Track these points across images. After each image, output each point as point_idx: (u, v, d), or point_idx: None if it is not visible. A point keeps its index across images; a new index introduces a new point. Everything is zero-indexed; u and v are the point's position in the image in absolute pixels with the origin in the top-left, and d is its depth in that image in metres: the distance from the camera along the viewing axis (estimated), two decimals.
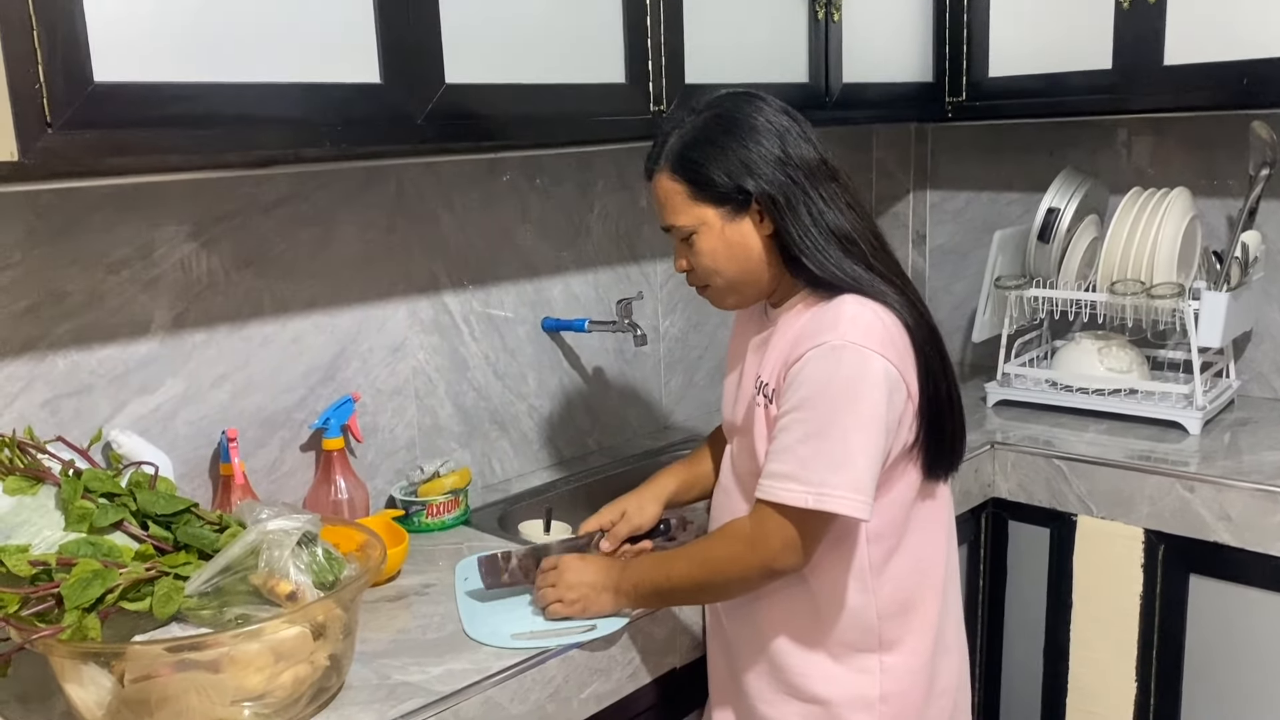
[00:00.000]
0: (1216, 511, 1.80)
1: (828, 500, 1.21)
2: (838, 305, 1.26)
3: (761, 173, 1.27)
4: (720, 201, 1.29)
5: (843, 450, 1.21)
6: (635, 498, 1.55)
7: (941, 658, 1.38)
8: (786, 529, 1.24)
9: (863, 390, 1.21)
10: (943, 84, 2.26)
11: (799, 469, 1.22)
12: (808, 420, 1.22)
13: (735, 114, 1.29)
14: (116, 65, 1.13)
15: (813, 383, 1.22)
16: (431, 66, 1.38)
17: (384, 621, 1.41)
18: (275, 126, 1.28)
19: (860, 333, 1.23)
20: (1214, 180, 2.26)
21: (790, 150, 1.28)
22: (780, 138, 1.28)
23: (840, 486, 1.20)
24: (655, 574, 1.34)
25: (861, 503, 1.21)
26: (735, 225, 1.29)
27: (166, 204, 1.50)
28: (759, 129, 1.28)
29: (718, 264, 1.32)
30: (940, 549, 1.38)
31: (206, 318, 1.56)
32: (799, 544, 1.24)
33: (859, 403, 1.21)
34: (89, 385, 1.46)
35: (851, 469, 1.21)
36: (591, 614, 1.36)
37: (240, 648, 1.08)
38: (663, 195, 1.33)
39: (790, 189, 1.27)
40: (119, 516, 1.16)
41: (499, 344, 1.93)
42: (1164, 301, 2.06)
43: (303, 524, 1.17)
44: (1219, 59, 1.91)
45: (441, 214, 1.82)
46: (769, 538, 1.24)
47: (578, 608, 1.36)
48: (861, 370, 1.21)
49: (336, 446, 1.65)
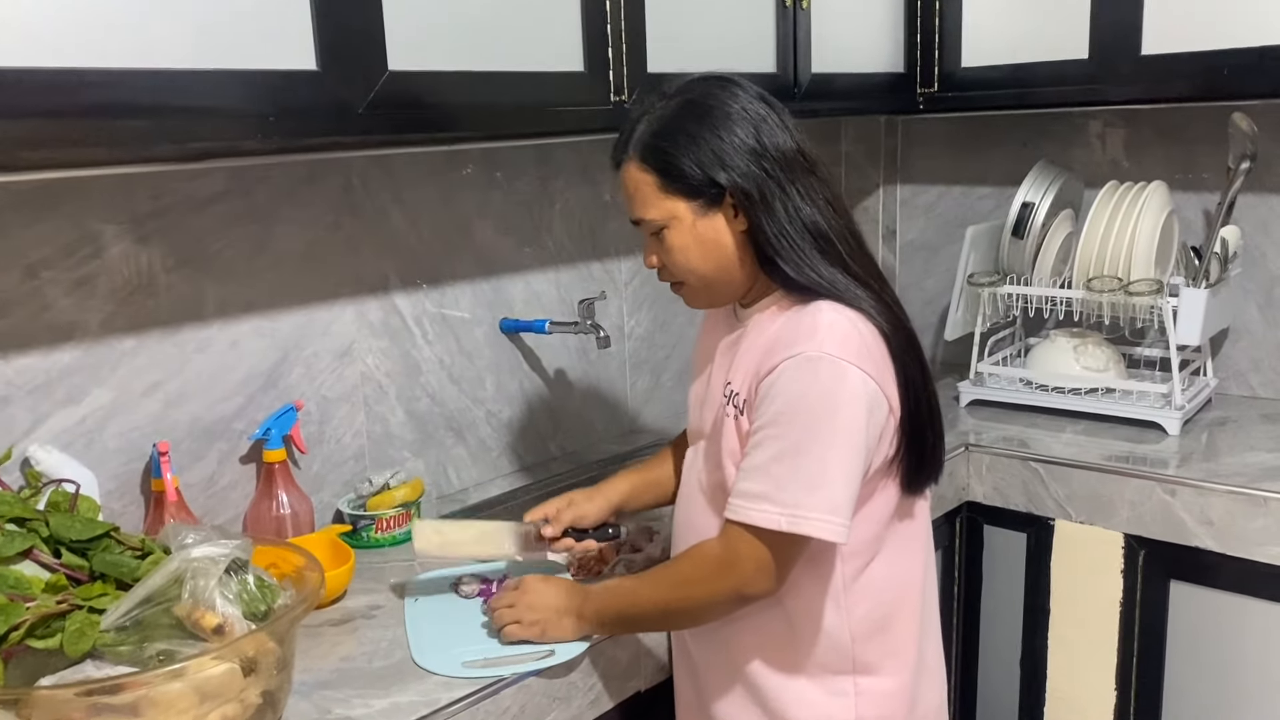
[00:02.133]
0: (1198, 516, 1.75)
1: (802, 523, 1.13)
2: (813, 313, 1.18)
3: (735, 164, 1.19)
4: (692, 194, 1.21)
5: (819, 469, 1.14)
6: (584, 491, 1.48)
7: (921, 680, 1.31)
8: (759, 552, 1.16)
9: (840, 405, 1.14)
10: (914, 75, 2.19)
11: (773, 489, 1.15)
12: (782, 437, 1.15)
13: (708, 100, 1.21)
14: (21, 49, 1.02)
15: (787, 397, 1.15)
16: (373, 52, 1.29)
17: (326, 649, 1.31)
18: (203, 117, 1.18)
19: (837, 344, 1.15)
20: (1190, 174, 2.21)
21: (766, 140, 1.20)
22: (755, 126, 1.20)
23: (816, 508, 1.13)
24: (620, 600, 1.27)
25: (838, 525, 1.14)
26: (708, 220, 1.22)
27: (92, 200, 1.40)
28: (733, 116, 1.20)
29: (690, 261, 1.24)
30: (917, 566, 1.31)
31: (137, 322, 1.46)
32: (772, 568, 1.17)
33: (836, 419, 1.14)
34: (5, 397, 1.35)
35: (828, 489, 1.14)
36: (550, 639, 1.28)
37: (162, 688, 0.98)
38: (631, 186, 1.25)
39: (765, 182, 1.19)
40: (27, 544, 1.06)
41: (454, 346, 1.84)
42: (1142, 299, 2.01)
43: (231, 549, 1.08)
44: (1199, 48, 1.85)
45: (392, 210, 1.72)
46: (740, 561, 1.17)
47: (535, 630, 1.28)
48: (839, 384, 1.14)
49: (278, 459, 1.56)
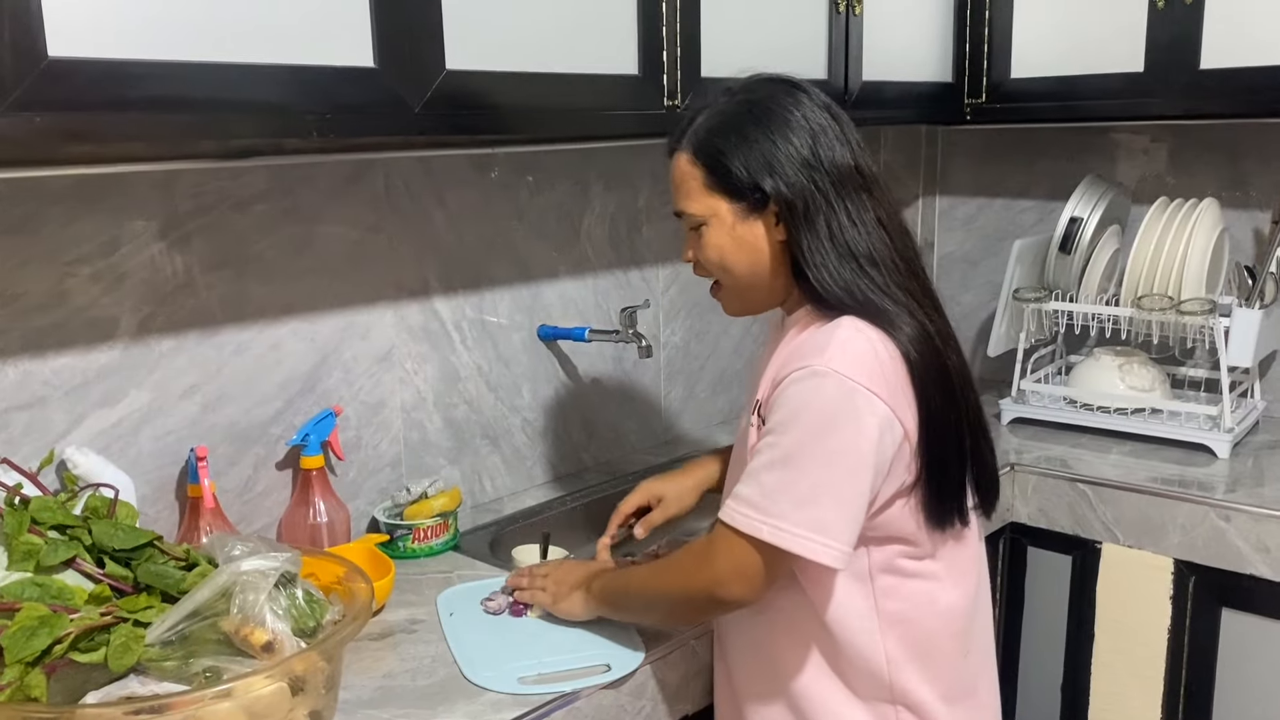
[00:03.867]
0: (1254, 542, 1.70)
1: (783, 536, 1.10)
2: (832, 329, 1.15)
3: (784, 173, 1.16)
4: (736, 196, 1.18)
5: (808, 486, 1.10)
6: (675, 484, 1.48)
7: (972, 715, 1.26)
8: (738, 555, 1.13)
9: (839, 425, 1.10)
10: (962, 84, 2.15)
11: (759, 496, 1.12)
12: (776, 446, 1.12)
13: (770, 103, 1.18)
14: (74, 39, 0.99)
15: (789, 408, 1.12)
16: (432, 50, 1.25)
17: (368, 664, 1.27)
18: (255, 113, 1.14)
19: (848, 361, 1.11)
20: (1238, 190, 2.16)
21: (822, 153, 1.17)
22: (814, 137, 1.17)
23: (801, 524, 1.09)
24: (617, 580, 1.29)
25: (823, 545, 1.09)
26: (747, 224, 1.19)
27: (133, 197, 1.36)
28: (792, 124, 1.17)
29: (724, 261, 1.22)
30: (963, 596, 1.24)
31: (175, 323, 1.42)
32: (749, 574, 1.13)
33: (832, 437, 1.10)
34: (42, 397, 1.31)
35: (815, 508, 1.09)
36: (559, 608, 1.33)
37: (209, 709, 0.94)
38: (679, 177, 1.23)
39: (812, 196, 1.16)
40: (71, 553, 1.02)
41: (492, 353, 1.80)
42: (1194, 318, 1.96)
43: (281, 563, 1.04)
44: (1259, 63, 1.81)
45: (434, 212, 1.68)
46: (717, 559, 1.15)
47: (547, 597, 1.34)
48: (841, 402, 1.10)
49: (316, 465, 1.52)
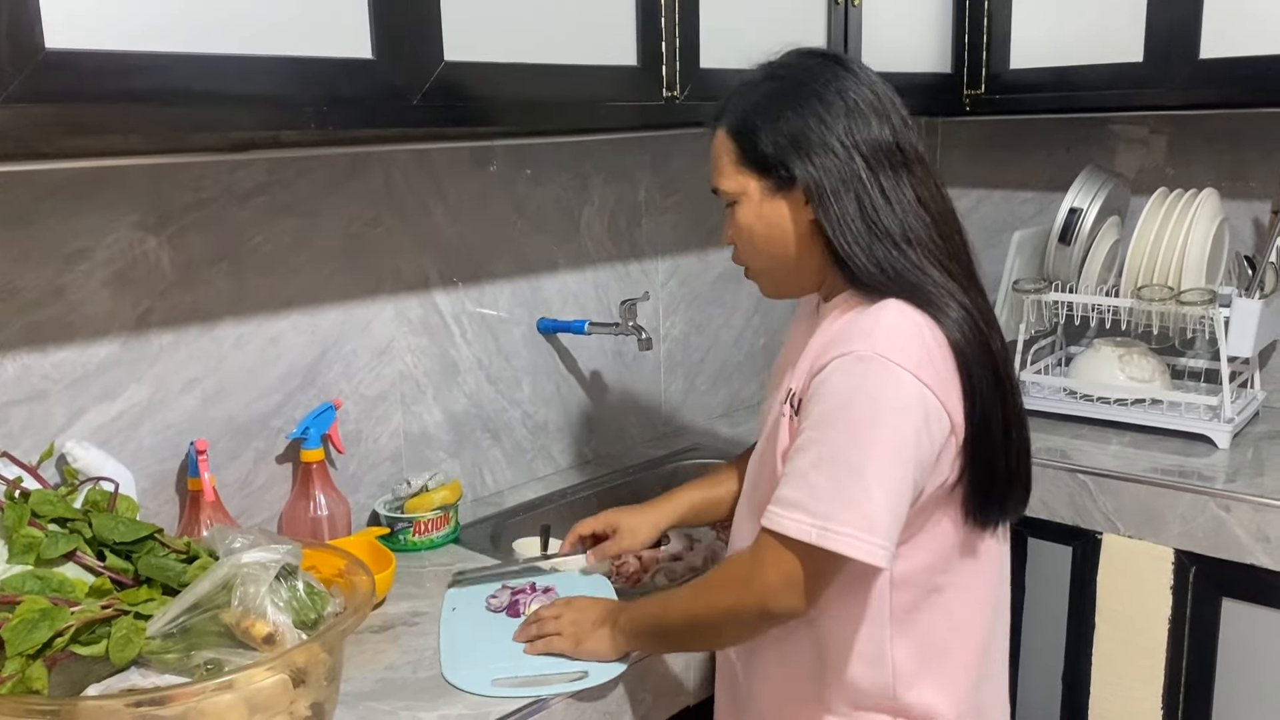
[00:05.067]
0: (1254, 532, 1.70)
1: (832, 538, 1.05)
2: (876, 311, 1.10)
3: (813, 152, 1.13)
4: (764, 173, 1.16)
5: (857, 481, 1.05)
6: (632, 516, 1.45)
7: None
8: (787, 564, 1.08)
9: (887, 412, 1.06)
10: (961, 75, 2.14)
11: (807, 497, 1.07)
12: (822, 441, 1.07)
13: (806, 79, 1.15)
14: (72, 31, 0.98)
15: (833, 398, 1.07)
16: (430, 42, 1.25)
17: (369, 657, 1.27)
18: (254, 105, 1.14)
19: (895, 346, 1.07)
20: (1237, 181, 2.16)
21: (857, 129, 1.13)
22: (849, 115, 1.13)
23: (850, 523, 1.05)
24: (651, 609, 1.22)
25: (873, 546, 1.05)
26: (774, 204, 1.17)
27: (131, 191, 1.35)
28: (828, 101, 1.14)
29: (752, 242, 1.20)
30: (983, 606, 1.20)
31: (174, 316, 1.41)
32: (800, 583, 1.08)
33: (881, 428, 1.06)
34: (42, 391, 1.31)
35: (866, 504, 1.05)
36: (584, 650, 1.23)
37: (211, 700, 0.94)
38: (715, 153, 1.21)
39: (844, 175, 1.12)
40: (71, 546, 1.02)
41: (492, 346, 1.80)
42: (1194, 309, 1.96)
43: (282, 555, 1.04)
44: (1260, 52, 1.80)
45: (433, 205, 1.68)
46: (766, 572, 1.09)
47: (569, 643, 1.24)
48: (889, 389, 1.06)
49: (316, 458, 1.52)
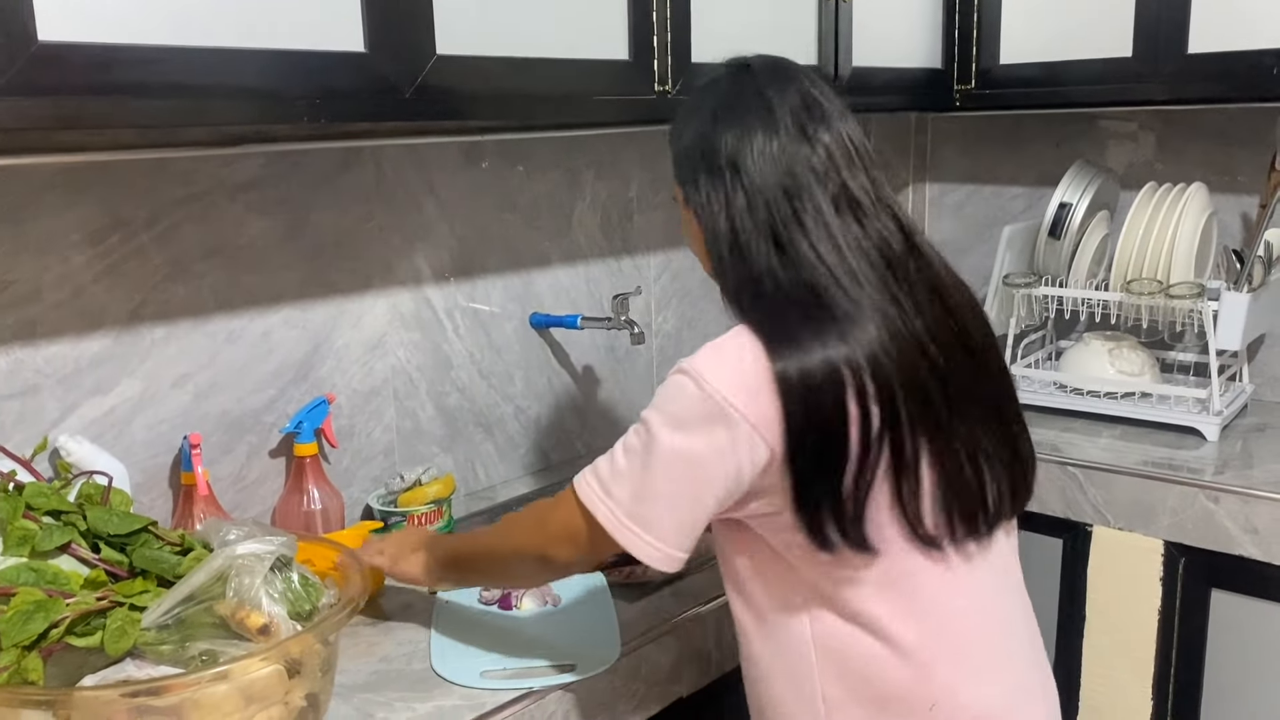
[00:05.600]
0: (1243, 524, 1.71)
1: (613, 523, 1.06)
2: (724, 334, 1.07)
3: (687, 161, 1.12)
4: (681, 184, 1.15)
5: (648, 483, 1.04)
6: None
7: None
8: (574, 520, 1.10)
9: (694, 430, 1.02)
10: (951, 71, 2.15)
11: (610, 474, 1.08)
12: (639, 433, 1.06)
13: (707, 93, 1.14)
14: (65, 24, 0.98)
15: (657, 400, 1.06)
16: (422, 35, 1.25)
17: (364, 649, 1.28)
18: (246, 98, 1.14)
19: (714, 368, 1.03)
20: (1227, 175, 2.17)
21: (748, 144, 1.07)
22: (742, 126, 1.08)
23: (633, 518, 1.05)
24: (460, 543, 1.28)
25: (650, 546, 1.05)
26: (686, 211, 1.15)
27: (123, 185, 1.35)
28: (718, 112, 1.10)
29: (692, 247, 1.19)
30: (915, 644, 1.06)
31: (167, 311, 1.42)
32: (579, 540, 1.11)
33: (683, 441, 1.02)
34: (34, 385, 1.31)
35: (651, 506, 1.05)
36: (398, 570, 1.29)
37: (206, 691, 0.95)
38: None
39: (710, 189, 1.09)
40: (66, 538, 1.02)
41: (484, 341, 1.80)
42: (1182, 302, 1.97)
43: (277, 547, 1.04)
44: (1248, 47, 1.81)
45: (425, 200, 1.68)
46: (553, 520, 1.14)
47: (383, 560, 1.30)
48: (699, 408, 1.02)
49: (309, 452, 1.52)
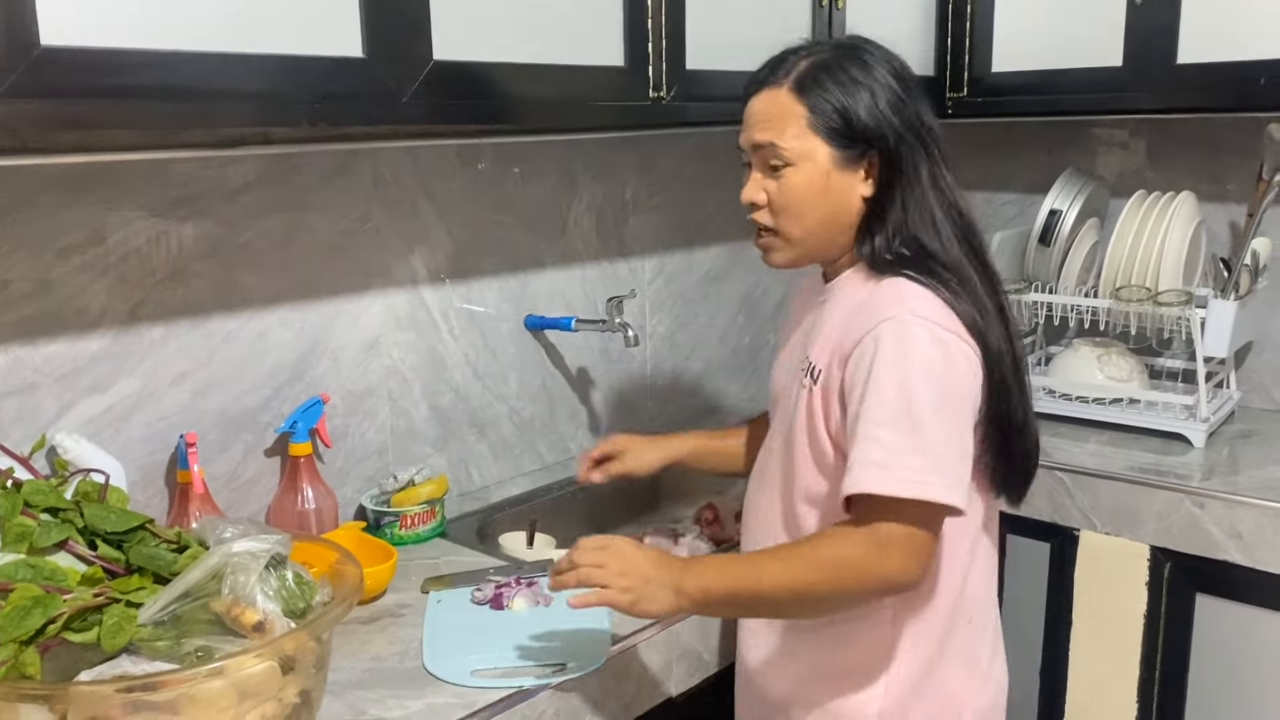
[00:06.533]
0: (1227, 529, 1.73)
1: (918, 487, 1.07)
2: (896, 284, 1.15)
3: (891, 126, 1.16)
4: (840, 143, 1.16)
5: (928, 434, 1.08)
6: (639, 442, 1.51)
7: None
8: (904, 532, 1.08)
9: (940, 368, 1.10)
10: (944, 78, 2.17)
11: (883, 455, 1.08)
12: (885, 403, 1.09)
13: (873, 60, 1.18)
14: (67, 27, 1.00)
15: (885, 362, 1.10)
16: (419, 40, 1.26)
17: (357, 647, 1.29)
18: (245, 101, 1.16)
19: (929, 310, 1.12)
20: (1216, 184, 2.19)
21: (922, 115, 1.18)
22: (914, 98, 1.18)
23: (928, 471, 1.08)
24: (735, 580, 1.13)
25: (950, 488, 1.09)
26: (843, 174, 1.17)
27: (123, 186, 1.37)
28: (895, 77, 1.17)
29: (805, 207, 1.19)
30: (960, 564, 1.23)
31: (165, 311, 1.43)
32: (918, 549, 1.10)
33: (935, 383, 1.10)
34: (33, 383, 1.32)
35: (939, 454, 1.09)
36: (641, 611, 1.12)
37: (202, 686, 0.96)
38: (774, 110, 1.18)
39: (914, 161, 1.17)
40: (63, 535, 1.03)
41: (479, 342, 1.82)
42: (1170, 309, 1.99)
43: (272, 545, 1.06)
44: (1236, 58, 1.84)
45: (422, 203, 1.69)
46: (888, 543, 1.08)
47: (627, 599, 1.11)
48: (936, 347, 1.11)
49: (304, 452, 1.53)
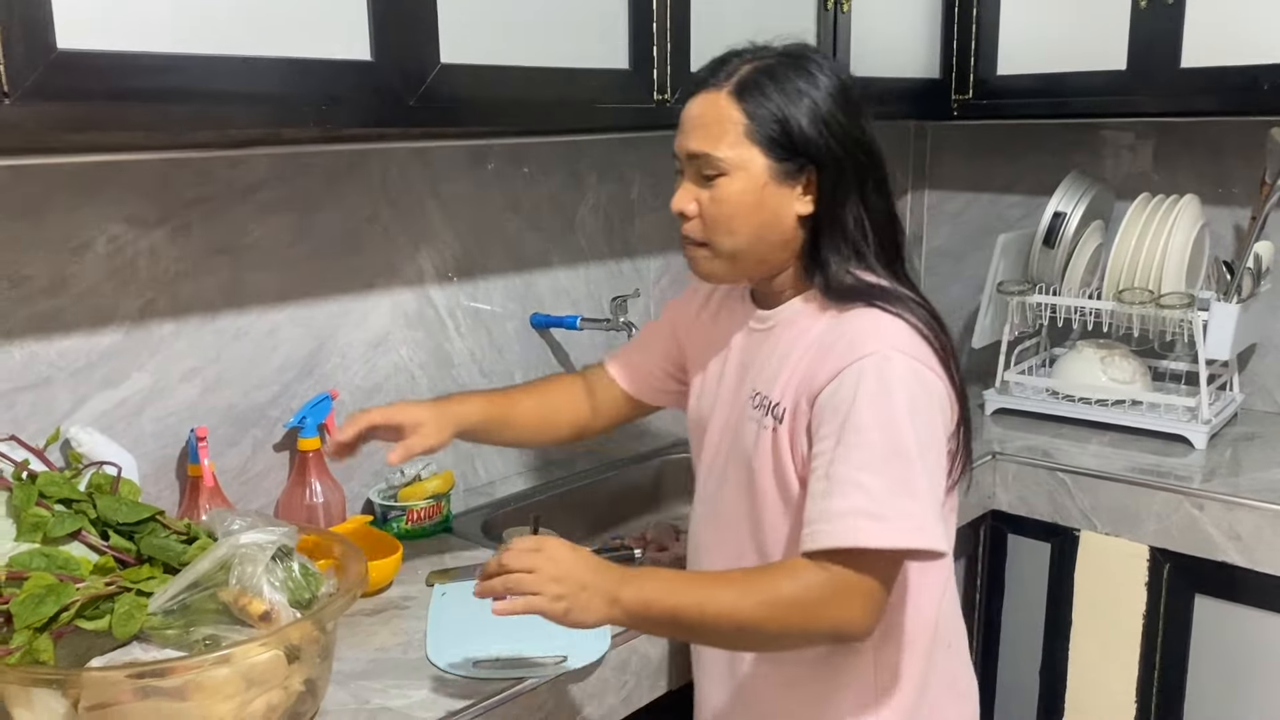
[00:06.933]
0: (1226, 530, 1.74)
1: (917, 536, 1.03)
2: (865, 315, 1.11)
3: (836, 142, 1.11)
4: (778, 154, 1.11)
5: (918, 476, 1.04)
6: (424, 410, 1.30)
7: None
8: (870, 584, 1.03)
9: (921, 407, 1.07)
10: (950, 81, 2.18)
11: (869, 503, 1.02)
12: (868, 445, 1.04)
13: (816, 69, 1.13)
14: (82, 32, 1.03)
15: (863, 401, 1.05)
16: (426, 45, 1.29)
17: (362, 638, 1.32)
18: (255, 104, 1.18)
19: (907, 344, 1.08)
20: (1221, 188, 2.20)
21: (869, 128, 1.14)
22: (857, 108, 1.13)
23: (923, 517, 1.04)
24: (679, 598, 1.05)
25: (939, 537, 1.05)
26: (779, 187, 1.12)
27: (136, 185, 1.40)
28: (849, 89, 1.14)
29: (736, 220, 1.12)
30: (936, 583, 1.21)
31: (176, 308, 1.46)
32: (880, 603, 1.05)
33: (920, 422, 1.06)
34: (48, 378, 1.35)
35: (926, 498, 1.05)
36: (573, 621, 1.03)
37: (209, 674, 0.99)
38: (710, 115, 1.12)
39: (852, 169, 1.12)
40: (76, 526, 1.06)
41: (485, 340, 1.84)
42: (1172, 312, 2.00)
43: (278, 537, 1.08)
44: (1239, 62, 1.85)
45: (428, 202, 1.72)
46: (851, 594, 1.03)
47: (560, 607, 1.02)
48: (916, 384, 1.07)
49: (312, 447, 1.56)
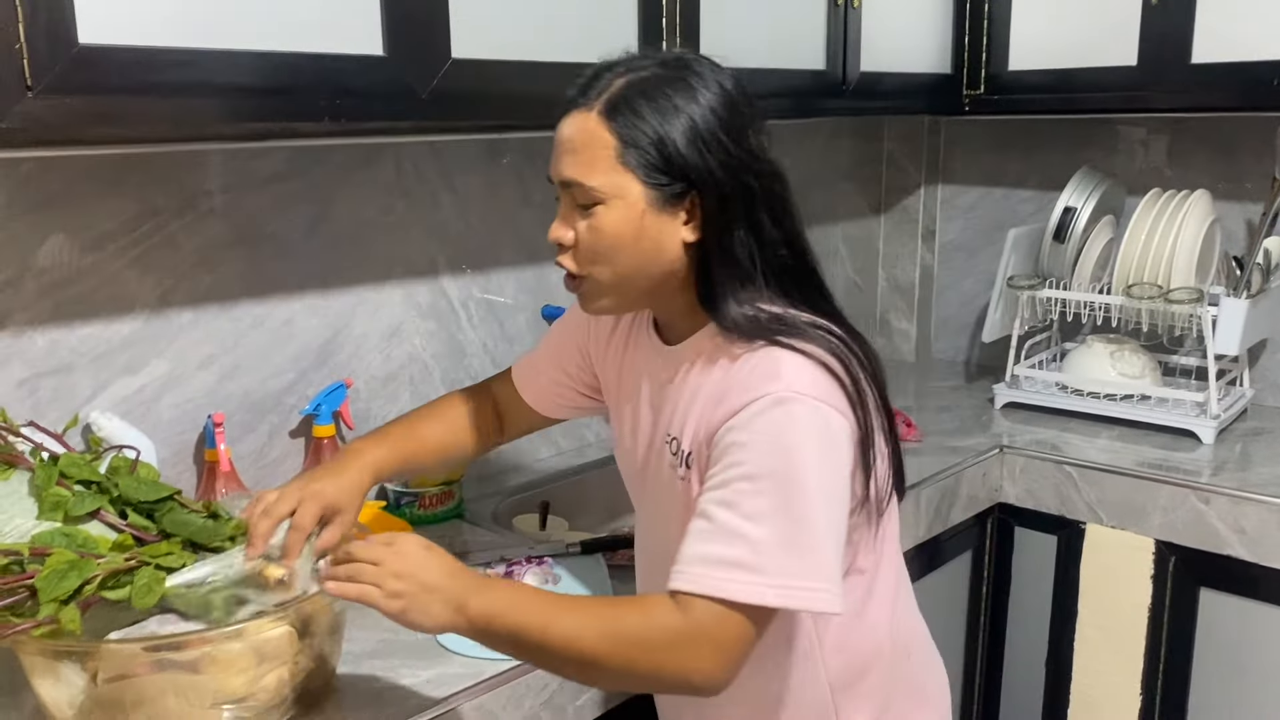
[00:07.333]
0: (1232, 524, 1.75)
1: (795, 594, 0.95)
2: (767, 355, 1.01)
3: (720, 163, 1.00)
4: (656, 179, 1.00)
5: (805, 530, 0.96)
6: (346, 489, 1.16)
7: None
8: (727, 635, 0.95)
9: (823, 453, 0.97)
10: (961, 76, 2.19)
11: (750, 555, 0.95)
12: (758, 494, 0.96)
13: (694, 80, 1.01)
14: (103, 26, 1.06)
15: (759, 446, 0.97)
16: (438, 39, 1.32)
17: (373, 620, 1.31)
18: (270, 98, 1.21)
19: (808, 382, 0.99)
20: (1232, 183, 2.20)
21: (761, 143, 1.03)
22: (745, 121, 1.02)
23: (806, 576, 0.96)
24: (524, 617, 0.97)
25: (829, 594, 0.97)
26: (659, 215, 1.01)
27: (155, 176, 1.43)
28: (735, 101, 1.02)
29: (614, 252, 1.02)
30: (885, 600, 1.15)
31: (194, 296, 1.49)
32: (736, 655, 0.96)
33: (819, 469, 0.97)
34: (69, 364, 1.39)
35: (819, 553, 0.96)
36: (409, 621, 0.98)
37: (222, 648, 1.02)
38: (580, 140, 1.01)
39: (740, 194, 1.01)
40: (96, 505, 1.09)
41: (498, 331, 1.87)
42: (1182, 307, 2.01)
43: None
44: (1249, 58, 1.85)
45: (442, 195, 1.75)
46: (701, 643, 0.95)
47: (396, 605, 0.97)
48: (818, 429, 0.98)
49: (327, 434, 1.59)
